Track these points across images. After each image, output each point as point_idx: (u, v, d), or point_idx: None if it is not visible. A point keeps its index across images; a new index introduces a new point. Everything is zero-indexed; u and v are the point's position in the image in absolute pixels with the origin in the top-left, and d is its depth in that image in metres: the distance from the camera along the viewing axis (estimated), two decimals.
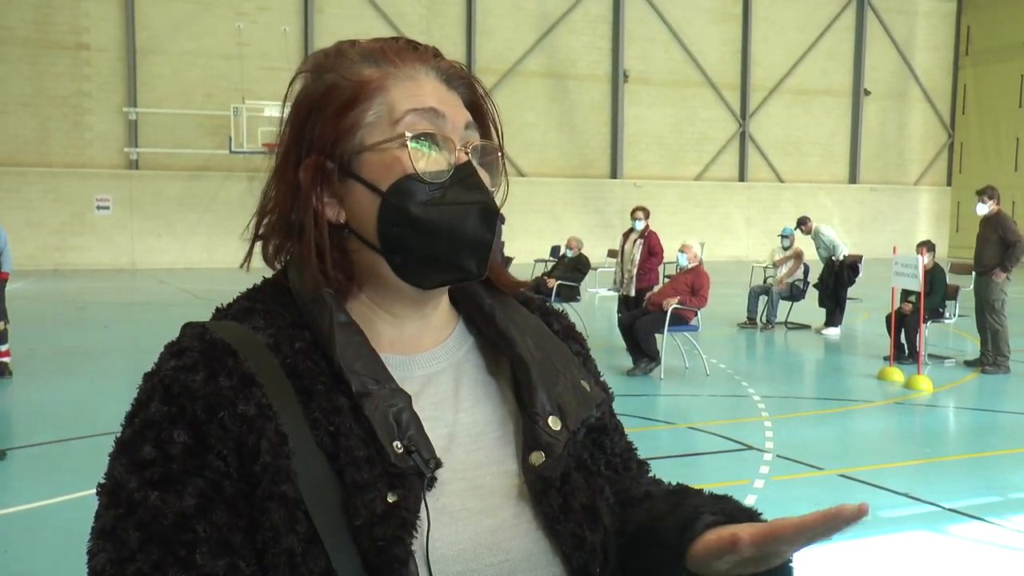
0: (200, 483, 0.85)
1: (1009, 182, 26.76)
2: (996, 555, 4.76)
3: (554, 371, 1.03)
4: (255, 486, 0.86)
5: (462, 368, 1.03)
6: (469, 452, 0.97)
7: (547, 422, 0.99)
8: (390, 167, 0.94)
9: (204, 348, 0.90)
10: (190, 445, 0.86)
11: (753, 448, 6.67)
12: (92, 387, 8.34)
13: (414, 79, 0.97)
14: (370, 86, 0.96)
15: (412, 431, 0.90)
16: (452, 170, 0.95)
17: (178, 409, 0.87)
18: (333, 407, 0.90)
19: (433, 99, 0.97)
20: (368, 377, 0.92)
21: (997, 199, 9.91)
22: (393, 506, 0.86)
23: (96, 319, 12.84)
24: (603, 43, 27.42)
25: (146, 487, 0.85)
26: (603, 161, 27.61)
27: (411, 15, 25.06)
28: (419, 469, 0.89)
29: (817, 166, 30.34)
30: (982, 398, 8.92)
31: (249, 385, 0.88)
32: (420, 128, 0.95)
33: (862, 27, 30.22)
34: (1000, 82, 29.95)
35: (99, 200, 22.85)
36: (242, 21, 23.63)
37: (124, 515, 0.85)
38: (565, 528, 0.96)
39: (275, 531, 0.85)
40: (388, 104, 0.96)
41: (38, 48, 22.36)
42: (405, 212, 0.94)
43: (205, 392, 0.87)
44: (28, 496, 5.53)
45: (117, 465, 0.88)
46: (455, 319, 1.07)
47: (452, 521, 0.91)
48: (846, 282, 12.74)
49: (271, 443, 0.86)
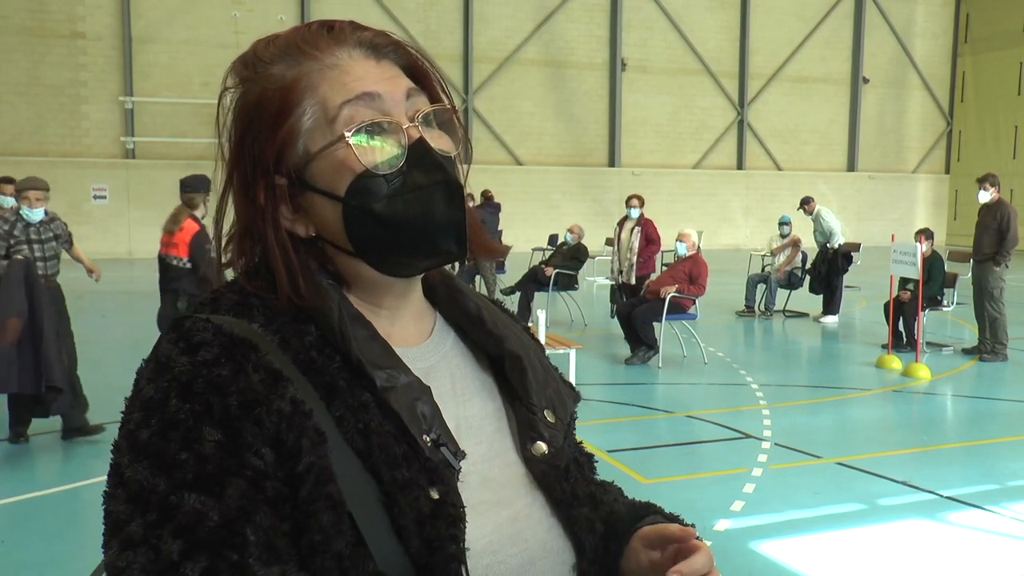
0: (241, 483, 0.78)
1: (1008, 170, 26.74)
2: (994, 543, 4.76)
3: (540, 367, 1.04)
4: (297, 487, 0.80)
5: (451, 363, 1.01)
6: (475, 444, 0.95)
7: (544, 415, 1.00)
8: (340, 170, 0.89)
9: (223, 342, 0.83)
10: (223, 443, 0.79)
11: (751, 436, 6.67)
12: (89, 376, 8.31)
13: (337, 67, 0.91)
14: (296, 88, 0.91)
15: (437, 423, 0.88)
16: (406, 153, 0.90)
17: (203, 406, 0.80)
18: (359, 403, 0.85)
19: (365, 82, 0.91)
20: (390, 370, 0.88)
21: (999, 187, 9.91)
22: (439, 503, 0.84)
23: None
24: (601, 31, 27.34)
25: (181, 489, 0.77)
26: (601, 149, 27.56)
27: (409, 3, 24.97)
28: (449, 462, 0.87)
29: (815, 154, 30.30)
30: (980, 386, 8.93)
31: (279, 380, 0.82)
32: (358, 119, 0.89)
33: (861, 14, 30.14)
34: (999, 70, 29.89)
35: (96, 189, 22.80)
36: (238, 9, 23.53)
37: (157, 521, 0.76)
38: (580, 513, 0.98)
39: (324, 535, 0.80)
40: (320, 102, 0.90)
41: (34, 37, 22.26)
42: (369, 212, 0.89)
43: (237, 387, 0.80)
44: (26, 486, 5.53)
45: (138, 470, 0.79)
46: (431, 312, 1.05)
47: (476, 515, 0.88)
48: (840, 270, 12.73)
49: (311, 441, 0.81)
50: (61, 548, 4.58)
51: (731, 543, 4.62)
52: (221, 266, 0.96)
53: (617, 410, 7.57)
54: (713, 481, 5.70)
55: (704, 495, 5.39)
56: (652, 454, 6.32)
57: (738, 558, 4.45)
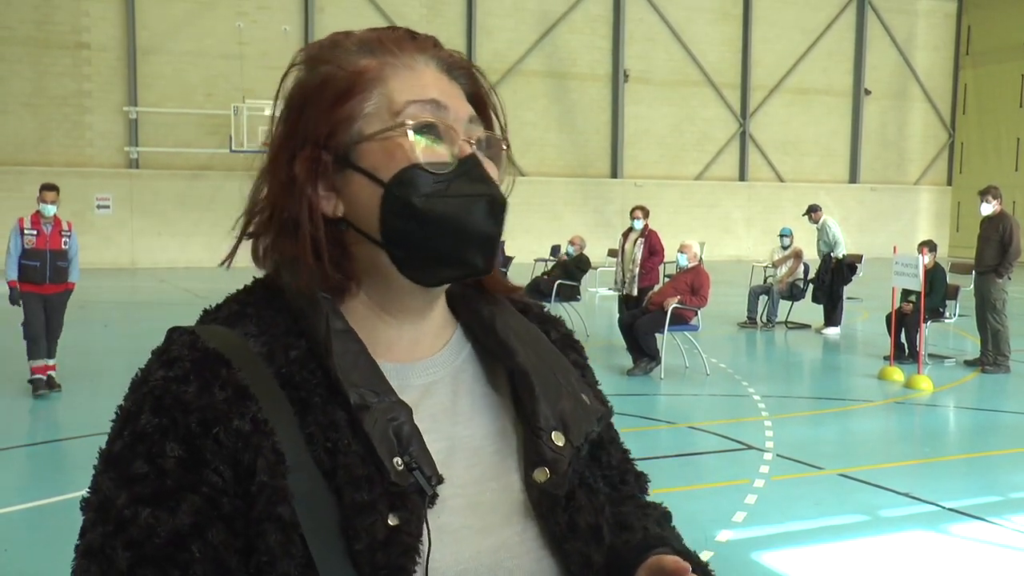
0: (196, 499, 0.80)
1: (1009, 182, 26.73)
2: (996, 555, 4.76)
3: (556, 384, 0.98)
4: (251, 506, 0.81)
5: (459, 378, 0.98)
6: (468, 467, 0.92)
7: (551, 437, 0.94)
8: (392, 156, 0.89)
9: (196, 357, 0.84)
10: (184, 459, 0.81)
11: (753, 448, 6.67)
12: (91, 386, 8.34)
13: (413, 69, 0.93)
14: (367, 76, 0.92)
15: (414, 446, 0.86)
16: (456, 162, 0.90)
17: (170, 421, 0.82)
18: (330, 421, 0.84)
19: (434, 90, 0.93)
20: (367, 389, 0.86)
21: (1001, 199, 9.91)
22: (395, 530, 0.82)
23: (96, 318, 12.84)
24: (603, 42, 27.41)
25: (137, 503, 0.80)
26: (603, 160, 27.60)
27: (411, 14, 25.05)
28: (420, 487, 0.84)
29: (817, 166, 30.33)
30: (982, 398, 8.92)
31: (243, 398, 0.83)
32: (423, 118, 0.90)
33: (862, 27, 30.21)
34: (1000, 82, 29.94)
35: (99, 199, 22.85)
36: (242, 20, 23.63)
37: (113, 533, 0.80)
38: (572, 547, 0.92)
39: (271, 555, 0.80)
40: (387, 95, 0.91)
41: (39, 48, 22.35)
42: (408, 204, 0.88)
43: (199, 405, 0.82)
44: (28, 495, 5.54)
45: (105, 479, 0.83)
46: (452, 325, 1.02)
47: (453, 540, 0.87)
48: (843, 280, 12.73)
49: (268, 461, 0.81)
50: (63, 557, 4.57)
51: (733, 554, 4.61)
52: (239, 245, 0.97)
53: (619, 421, 7.45)
54: (715, 492, 5.69)
55: (706, 506, 5.38)
56: (654, 465, 6.32)
57: (740, 569, 4.44)
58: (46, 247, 8.12)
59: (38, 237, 8.10)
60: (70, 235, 8.34)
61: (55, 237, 8.18)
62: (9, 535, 4.90)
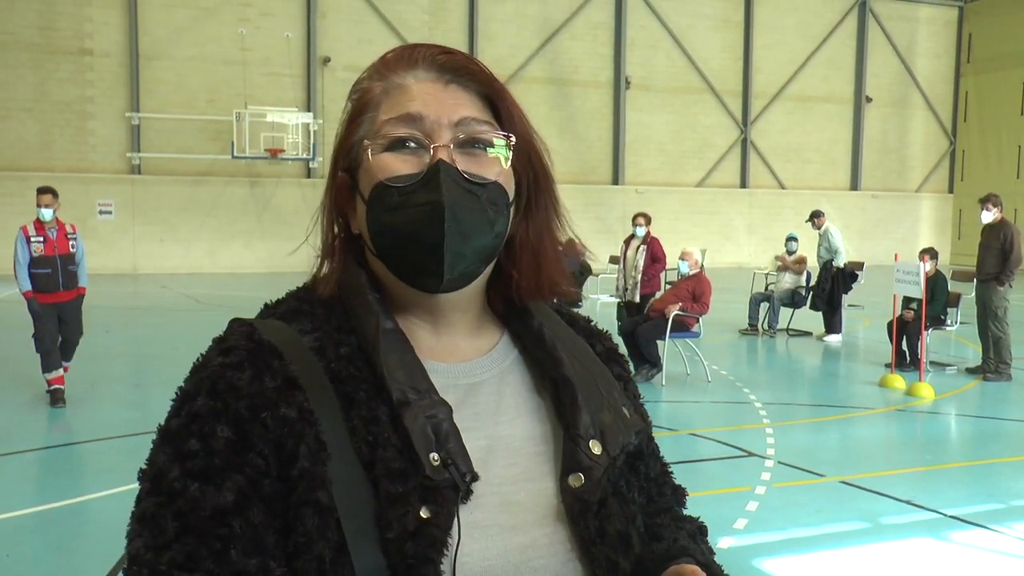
0: (240, 479, 0.86)
1: (1011, 190, 26.75)
2: (998, 562, 4.75)
3: (598, 395, 1.01)
4: (291, 489, 0.86)
5: (505, 380, 1.02)
6: (506, 466, 0.95)
7: (588, 445, 0.97)
8: (370, 174, 0.96)
9: (251, 348, 0.91)
10: (233, 441, 0.87)
11: (754, 455, 6.67)
12: (92, 391, 8.34)
13: (402, 86, 0.98)
14: (364, 99, 1.00)
15: (451, 443, 0.89)
16: (422, 173, 0.94)
17: (222, 405, 0.88)
18: (373, 416, 0.90)
19: (414, 104, 0.96)
20: (409, 386, 0.91)
21: (1001, 207, 9.92)
22: (425, 523, 0.86)
23: (98, 323, 12.85)
24: (605, 49, 27.46)
25: (186, 477, 0.86)
26: (604, 167, 27.63)
27: (413, 21, 25.10)
28: (454, 482, 0.88)
29: (818, 173, 30.34)
30: (984, 405, 8.91)
31: (292, 388, 0.89)
32: (392, 135, 0.95)
33: (863, 34, 30.25)
34: (1001, 90, 29.96)
35: (101, 205, 22.88)
36: (245, 27, 23.68)
37: (164, 503, 0.86)
38: (600, 552, 0.95)
39: (308, 537, 0.85)
40: (375, 118, 0.98)
41: (41, 53, 22.41)
42: (379, 219, 0.95)
43: (250, 391, 0.88)
44: (30, 500, 5.53)
45: (160, 453, 0.89)
46: (499, 331, 1.07)
47: (483, 536, 0.90)
48: (844, 288, 12.73)
49: (310, 449, 0.87)
50: (65, 562, 4.58)
51: (734, 561, 4.61)
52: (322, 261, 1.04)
53: None
54: (716, 499, 5.69)
55: (707, 513, 5.33)
56: None
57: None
58: (55, 253, 7.87)
59: (45, 244, 7.84)
60: (76, 238, 8.13)
61: (62, 241, 7.94)
62: (11, 540, 4.90)
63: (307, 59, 24.24)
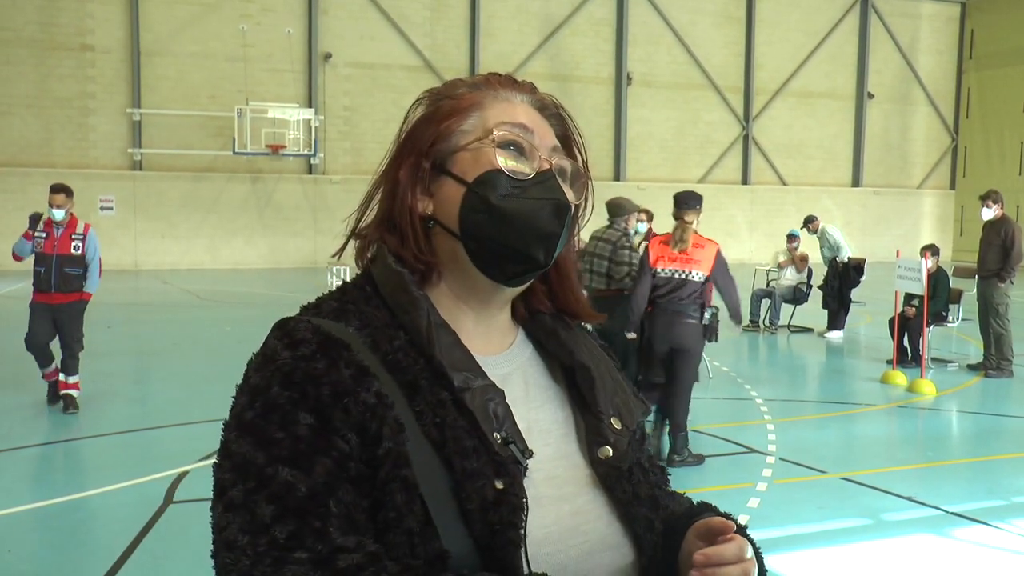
0: (327, 462, 0.90)
1: (1013, 186, 26.73)
2: (999, 559, 4.75)
3: (611, 379, 1.14)
4: (376, 469, 0.92)
5: (528, 371, 1.12)
6: (543, 446, 1.04)
7: (611, 421, 1.09)
8: (478, 162, 1.05)
9: (320, 340, 0.95)
10: (315, 427, 0.91)
11: (756, 451, 6.67)
12: (94, 388, 8.34)
13: (509, 101, 1.10)
14: (469, 101, 1.09)
15: (508, 423, 0.98)
16: (534, 174, 1.05)
17: (300, 394, 0.92)
18: (437, 400, 0.96)
19: (524, 118, 1.08)
20: (468, 373, 0.99)
21: (1001, 203, 9.91)
22: (502, 492, 0.93)
23: (99, 319, 12.85)
24: (606, 46, 27.44)
25: (276, 463, 0.90)
26: (606, 164, 27.60)
27: (415, 17, 25.08)
28: (516, 458, 0.96)
29: (820, 169, 30.32)
30: (985, 402, 8.91)
31: (366, 375, 0.94)
32: (509, 136, 1.06)
33: (866, 30, 30.21)
34: (1004, 86, 29.91)
35: (103, 201, 22.89)
36: (246, 23, 23.66)
37: (255, 489, 0.89)
38: (638, 512, 1.06)
39: (397, 512, 0.91)
40: (483, 117, 1.08)
41: (43, 49, 22.40)
42: (485, 200, 1.03)
43: (329, 379, 0.93)
44: (31, 496, 5.54)
45: (241, 444, 0.92)
46: (516, 329, 1.16)
47: (538, 507, 0.97)
48: (851, 283, 12.73)
49: (392, 429, 0.92)
50: (68, 558, 4.59)
51: None
52: (361, 248, 1.12)
53: None
54: (718, 495, 5.69)
55: None
56: None
57: None
58: (53, 252, 7.40)
59: (46, 240, 7.41)
60: (83, 238, 7.54)
61: (64, 241, 7.44)
62: (13, 536, 4.90)
63: (308, 55, 24.22)
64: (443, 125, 1.07)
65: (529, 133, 1.07)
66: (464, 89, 1.11)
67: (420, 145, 1.07)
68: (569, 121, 1.16)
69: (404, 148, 1.09)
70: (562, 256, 1.13)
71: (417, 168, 1.07)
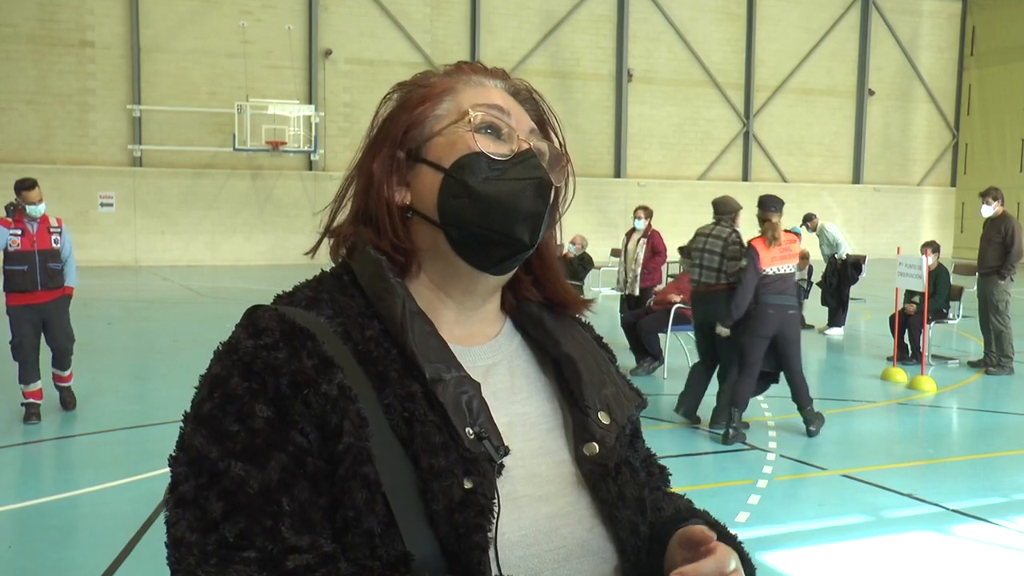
0: (283, 457, 0.86)
1: (1014, 183, 26.70)
2: (999, 556, 4.75)
3: (599, 371, 1.08)
4: (336, 465, 0.87)
5: (514, 362, 1.08)
6: (526, 441, 1.00)
7: (598, 415, 1.03)
8: (454, 146, 1.01)
9: (284, 329, 0.91)
10: (272, 420, 0.87)
11: (756, 448, 6.67)
12: (94, 384, 8.34)
13: (483, 85, 1.07)
14: (441, 87, 1.06)
15: (482, 418, 0.93)
16: (513, 155, 1.02)
17: (259, 385, 0.88)
18: (407, 393, 0.92)
19: (499, 100, 1.06)
20: (441, 364, 0.94)
21: (1002, 200, 9.90)
22: (470, 492, 0.88)
23: (99, 316, 12.86)
24: (607, 42, 27.40)
25: (229, 457, 0.86)
26: (606, 160, 27.59)
27: (416, 13, 25.05)
28: (490, 455, 0.91)
29: (821, 166, 30.30)
30: (986, 399, 8.91)
31: (329, 366, 0.90)
32: (486, 118, 1.03)
33: (866, 27, 30.17)
34: (1005, 83, 29.88)
35: (103, 197, 22.88)
36: (246, 19, 23.63)
37: (207, 484, 0.86)
38: (623, 515, 1.00)
39: (356, 511, 0.86)
40: (457, 101, 1.05)
41: (42, 45, 22.37)
42: (464, 185, 1.00)
43: (289, 369, 0.89)
44: (31, 493, 5.54)
45: (196, 437, 0.88)
46: (503, 319, 1.12)
47: (515, 507, 0.93)
48: (850, 280, 12.72)
49: (353, 424, 0.88)
50: (67, 554, 4.59)
51: None
52: (336, 241, 1.08)
53: None
54: (718, 492, 5.69)
55: (709, 506, 5.31)
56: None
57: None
58: (34, 248, 7.01)
59: (23, 237, 6.99)
60: (60, 231, 7.24)
61: (43, 235, 7.08)
62: (13, 533, 4.90)
63: (308, 51, 24.19)
64: (415, 112, 1.04)
65: (505, 114, 1.04)
66: (435, 78, 1.08)
67: (393, 135, 1.04)
68: (543, 105, 1.13)
69: (376, 141, 1.06)
70: (544, 243, 1.10)
71: (391, 159, 1.03)
